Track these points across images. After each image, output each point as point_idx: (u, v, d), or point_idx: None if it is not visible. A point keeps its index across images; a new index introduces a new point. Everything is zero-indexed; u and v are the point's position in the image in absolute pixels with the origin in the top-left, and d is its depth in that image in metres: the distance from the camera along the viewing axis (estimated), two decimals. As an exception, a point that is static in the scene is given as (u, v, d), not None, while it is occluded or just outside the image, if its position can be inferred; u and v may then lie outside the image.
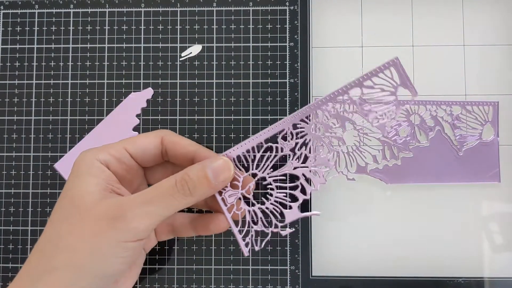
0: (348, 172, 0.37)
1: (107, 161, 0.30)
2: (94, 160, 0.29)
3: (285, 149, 0.32)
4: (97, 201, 0.28)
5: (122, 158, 0.30)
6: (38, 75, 0.39)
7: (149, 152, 0.31)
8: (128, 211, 0.27)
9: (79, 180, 0.29)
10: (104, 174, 0.29)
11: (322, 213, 0.37)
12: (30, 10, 0.40)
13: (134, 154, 0.31)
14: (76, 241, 0.27)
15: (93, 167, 0.29)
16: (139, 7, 0.39)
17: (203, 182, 0.29)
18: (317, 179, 0.32)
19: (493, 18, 0.38)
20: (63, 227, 0.27)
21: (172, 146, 0.31)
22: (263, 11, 0.39)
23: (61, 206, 0.28)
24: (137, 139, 0.31)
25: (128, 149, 0.30)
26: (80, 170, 0.29)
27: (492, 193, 0.37)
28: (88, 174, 0.29)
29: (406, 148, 0.37)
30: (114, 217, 0.27)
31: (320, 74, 0.38)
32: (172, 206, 0.28)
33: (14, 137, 0.39)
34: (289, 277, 0.37)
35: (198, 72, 0.39)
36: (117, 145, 0.30)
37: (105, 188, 0.29)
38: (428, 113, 0.37)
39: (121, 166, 0.30)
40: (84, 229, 0.27)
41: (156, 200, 0.28)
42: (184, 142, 0.31)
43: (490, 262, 0.37)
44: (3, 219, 0.38)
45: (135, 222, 0.27)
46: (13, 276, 0.38)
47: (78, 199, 0.28)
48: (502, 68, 0.38)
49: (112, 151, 0.30)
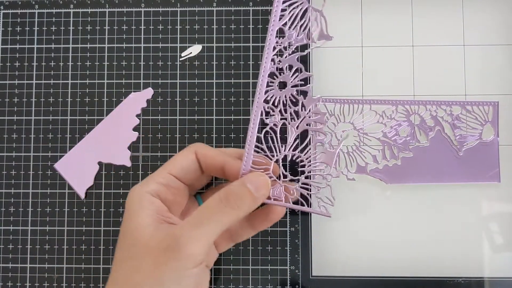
0: (348, 172, 0.37)
1: (157, 191, 0.31)
2: (144, 193, 0.30)
3: (277, 119, 0.32)
4: (152, 233, 0.29)
5: (170, 183, 0.31)
6: (38, 75, 0.39)
7: (189, 168, 0.32)
8: (180, 238, 0.28)
9: (133, 216, 0.30)
10: (154, 205, 0.30)
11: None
12: (30, 10, 0.40)
13: (177, 175, 0.32)
14: (141, 278, 0.28)
15: (143, 200, 0.30)
16: (139, 7, 0.39)
17: (247, 195, 0.30)
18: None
19: (493, 18, 0.38)
20: (127, 266, 0.29)
21: (204, 158, 0.32)
22: (263, 11, 0.39)
23: (121, 245, 0.30)
24: (175, 159, 0.32)
25: (172, 172, 0.32)
26: (132, 206, 0.30)
27: (492, 193, 0.37)
28: (140, 208, 0.30)
29: (406, 148, 0.37)
30: (168, 247, 0.28)
31: (320, 74, 0.38)
32: (222, 222, 0.29)
33: (14, 137, 0.39)
34: (289, 277, 0.37)
35: (198, 72, 0.39)
36: (161, 172, 0.31)
37: (157, 219, 0.30)
38: (428, 113, 0.37)
39: (170, 190, 0.32)
40: (146, 265, 0.28)
41: (205, 220, 0.29)
42: (212, 153, 0.32)
43: (490, 262, 0.37)
44: (3, 219, 0.38)
45: (189, 247, 0.27)
46: (14, 276, 0.38)
47: (134, 235, 0.29)
48: (502, 68, 0.38)
49: (159, 179, 0.31)
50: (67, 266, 0.38)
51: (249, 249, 0.37)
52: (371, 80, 0.38)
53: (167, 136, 0.38)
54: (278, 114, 0.32)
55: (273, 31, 0.30)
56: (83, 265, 0.38)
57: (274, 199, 0.31)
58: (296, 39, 0.31)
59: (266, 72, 0.30)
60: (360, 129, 0.37)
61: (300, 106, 0.32)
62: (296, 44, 0.31)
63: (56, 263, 0.38)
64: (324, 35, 0.30)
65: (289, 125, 0.32)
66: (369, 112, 0.37)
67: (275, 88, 0.31)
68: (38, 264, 0.38)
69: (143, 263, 0.28)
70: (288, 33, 0.30)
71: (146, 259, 0.28)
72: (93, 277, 0.38)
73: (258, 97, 0.30)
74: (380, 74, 0.38)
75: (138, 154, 0.38)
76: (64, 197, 0.38)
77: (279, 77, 0.31)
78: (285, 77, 0.31)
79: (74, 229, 0.38)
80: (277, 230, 0.37)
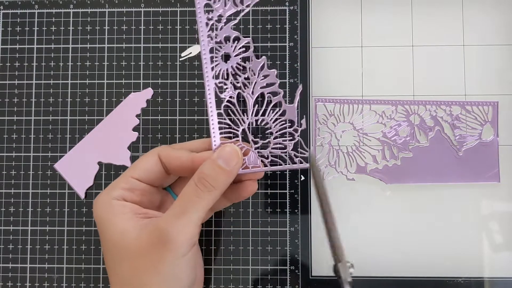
0: (348, 172, 0.37)
1: (122, 195, 0.31)
2: (111, 200, 0.30)
3: (231, 91, 0.32)
4: (137, 235, 0.29)
5: (133, 186, 0.32)
6: (38, 75, 0.39)
7: (152, 169, 0.32)
8: (168, 230, 0.28)
9: (109, 226, 0.30)
10: (126, 207, 0.30)
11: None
12: (30, 10, 0.40)
13: (140, 177, 0.32)
14: (142, 278, 0.28)
15: (113, 207, 0.30)
16: (139, 7, 0.39)
17: (220, 172, 0.30)
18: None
19: (493, 18, 0.38)
20: (125, 273, 0.29)
21: (168, 160, 0.32)
22: (263, 11, 0.39)
23: (108, 256, 0.30)
24: (137, 163, 0.32)
25: (134, 175, 0.32)
26: (104, 216, 0.30)
27: (492, 193, 0.37)
28: (114, 216, 0.30)
29: (406, 148, 0.37)
30: (159, 242, 0.28)
31: (320, 74, 0.38)
32: (203, 205, 0.29)
33: (14, 137, 0.39)
34: (289, 277, 0.37)
35: (198, 72, 0.39)
36: (122, 177, 0.32)
37: (136, 220, 0.30)
38: (428, 113, 0.37)
39: (135, 193, 0.32)
40: (143, 265, 0.28)
41: (186, 208, 0.29)
42: (176, 154, 0.32)
43: (490, 262, 0.37)
44: (3, 219, 0.38)
45: (179, 238, 0.28)
46: (14, 276, 0.38)
47: (120, 244, 0.29)
48: (502, 68, 0.38)
49: (121, 184, 0.31)
50: (67, 266, 0.38)
51: (249, 249, 0.37)
52: (371, 80, 0.38)
53: (167, 136, 0.38)
54: (231, 86, 0.32)
55: (200, 8, 0.30)
56: (83, 265, 0.38)
57: (253, 167, 0.32)
58: (225, 9, 0.31)
59: (206, 49, 0.30)
60: (360, 129, 0.37)
61: (249, 72, 0.32)
62: (227, 14, 0.31)
63: (56, 263, 0.38)
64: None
65: (244, 93, 0.32)
66: (368, 112, 0.37)
67: (220, 62, 0.31)
68: (38, 264, 0.38)
69: (139, 265, 0.28)
70: (215, 6, 0.31)
71: (140, 261, 0.28)
72: (93, 277, 0.38)
73: (207, 75, 0.31)
74: (380, 74, 0.38)
75: (138, 154, 0.38)
76: (64, 197, 0.38)
77: (220, 50, 0.31)
78: (227, 48, 0.31)
79: (74, 229, 0.38)
80: (277, 230, 0.37)
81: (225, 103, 0.32)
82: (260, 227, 0.37)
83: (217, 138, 0.32)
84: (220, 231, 0.38)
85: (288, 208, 0.37)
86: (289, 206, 0.37)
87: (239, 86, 0.32)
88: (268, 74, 0.32)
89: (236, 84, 0.32)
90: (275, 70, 0.32)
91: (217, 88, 0.31)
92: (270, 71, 0.32)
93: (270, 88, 0.32)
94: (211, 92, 0.31)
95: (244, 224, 0.37)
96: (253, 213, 0.38)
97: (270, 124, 0.33)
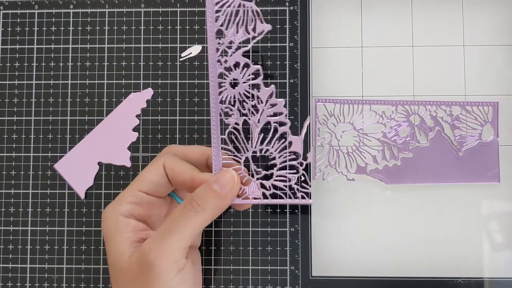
0: (348, 172, 0.37)
1: (130, 211, 0.31)
2: (117, 216, 0.30)
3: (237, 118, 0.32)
4: (130, 257, 0.29)
5: (141, 200, 0.31)
6: (38, 75, 0.39)
7: (158, 182, 0.32)
8: (150, 254, 0.28)
9: (112, 241, 0.30)
10: (129, 226, 0.30)
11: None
12: (30, 10, 0.40)
13: (147, 190, 0.32)
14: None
15: (119, 223, 0.30)
16: (139, 7, 0.39)
17: (211, 194, 0.29)
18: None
19: (493, 18, 0.38)
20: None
21: (171, 173, 0.32)
22: (263, 12, 0.39)
23: (111, 271, 0.30)
24: (142, 175, 0.32)
25: (141, 189, 0.31)
26: (110, 230, 0.30)
27: (492, 193, 0.37)
28: (117, 232, 0.30)
29: (406, 148, 0.37)
30: (145, 267, 0.28)
31: (320, 75, 0.38)
32: (187, 227, 0.29)
33: (14, 137, 0.39)
34: (289, 277, 0.37)
35: (198, 72, 0.39)
36: (129, 190, 0.31)
37: (134, 240, 0.30)
38: (428, 113, 0.37)
39: (143, 207, 0.31)
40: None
41: (170, 228, 0.29)
42: (179, 168, 0.31)
43: (490, 262, 0.37)
44: (3, 219, 0.38)
45: (161, 262, 0.28)
46: (14, 276, 0.38)
47: (117, 263, 0.29)
48: (502, 68, 0.38)
49: (129, 198, 0.31)
50: (67, 266, 0.38)
51: (249, 249, 0.37)
52: (371, 80, 0.38)
53: (167, 136, 0.38)
54: (237, 113, 0.32)
55: (211, 33, 0.30)
56: (83, 265, 0.38)
57: (253, 198, 0.31)
58: (236, 36, 0.31)
59: (215, 74, 0.30)
60: (360, 129, 0.37)
61: (256, 100, 0.32)
62: (238, 40, 0.31)
63: (56, 263, 0.38)
64: (261, 25, 0.31)
65: (250, 121, 0.32)
66: (369, 112, 0.37)
67: (227, 88, 0.31)
68: (38, 264, 0.38)
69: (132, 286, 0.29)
70: (226, 33, 0.30)
71: (133, 282, 0.28)
72: (93, 277, 0.38)
73: (213, 99, 0.30)
74: (380, 74, 0.38)
75: (138, 154, 0.38)
76: (64, 197, 0.38)
77: (229, 76, 0.31)
78: (235, 75, 0.31)
79: (74, 229, 0.38)
80: (277, 230, 0.37)
81: (229, 129, 0.32)
82: (260, 227, 0.37)
83: (219, 163, 0.31)
84: (220, 231, 0.38)
85: (288, 208, 0.37)
86: (289, 206, 0.37)
87: (245, 113, 0.32)
88: (276, 103, 0.32)
89: (242, 110, 0.32)
90: (283, 99, 0.32)
91: (222, 113, 0.31)
92: (278, 100, 0.31)
93: (277, 118, 0.32)
94: (217, 116, 0.31)
95: (244, 224, 0.37)
96: (253, 213, 0.38)
97: (275, 155, 0.32)
